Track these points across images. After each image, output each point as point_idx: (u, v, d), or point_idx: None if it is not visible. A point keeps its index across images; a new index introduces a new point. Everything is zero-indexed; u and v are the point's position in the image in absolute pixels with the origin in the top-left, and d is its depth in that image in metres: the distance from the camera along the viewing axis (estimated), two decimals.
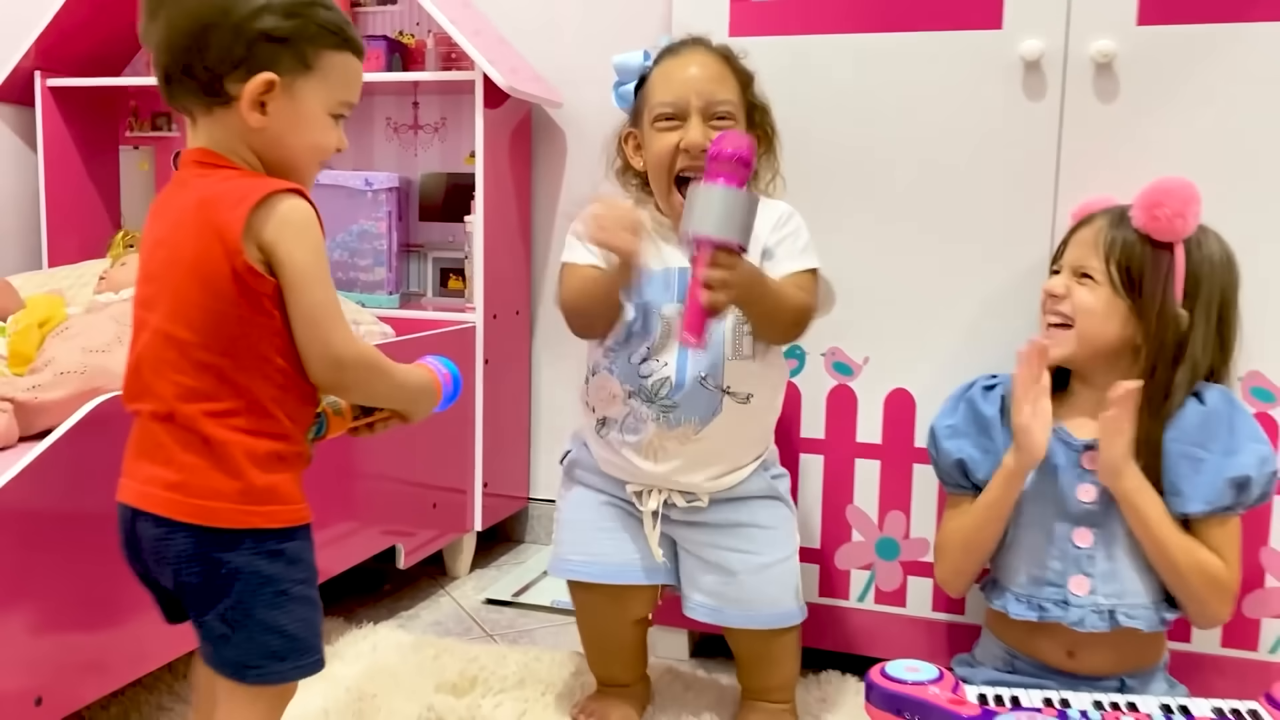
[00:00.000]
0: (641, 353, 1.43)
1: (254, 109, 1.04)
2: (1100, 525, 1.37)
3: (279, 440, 1.06)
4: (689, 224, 1.28)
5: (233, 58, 1.03)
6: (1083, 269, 1.37)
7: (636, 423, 1.45)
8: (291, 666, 1.08)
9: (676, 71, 1.44)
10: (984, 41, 1.52)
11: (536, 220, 2.39)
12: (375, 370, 1.11)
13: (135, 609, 1.40)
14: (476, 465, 2.19)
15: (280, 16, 1.04)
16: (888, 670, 1.25)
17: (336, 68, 1.08)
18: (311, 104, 1.07)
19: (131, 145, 2.62)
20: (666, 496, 1.48)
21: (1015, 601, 1.40)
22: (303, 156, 1.10)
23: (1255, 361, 1.47)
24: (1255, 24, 1.43)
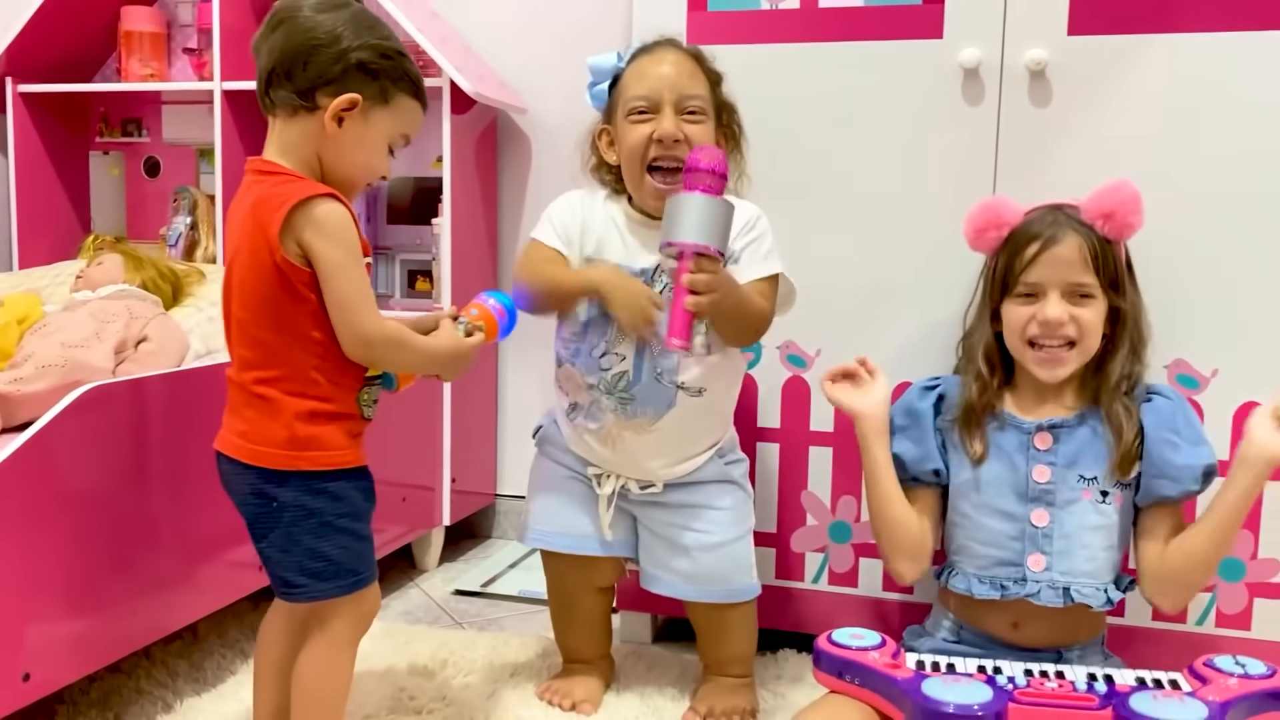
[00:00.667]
0: (601, 346, 1.50)
1: (334, 119, 1.24)
2: (1055, 504, 1.44)
3: (320, 401, 1.25)
4: (670, 233, 1.35)
5: (329, 75, 1.24)
6: (1079, 288, 1.40)
7: (598, 411, 1.52)
8: (333, 586, 1.27)
9: (650, 67, 1.50)
10: (925, 50, 1.61)
11: (502, 223, 2.45)
12: (400, 346, 1.27)
13: (116, 592, 1.45)
14: (445, 461, 2.24)
15: (376, 55, 1.25)
16: (834, 637, 1.32)
17: (406, 109, 1.30)
18: (377, 130, 1.28)
19: (101, 150, 2.65)
20: (623, 483, 1.56)
21: (979, 583, 1.46)
22: (356, 171, 1.29)
23: (1180, 350, 1.56)
24: (1176, 34, 1.52)
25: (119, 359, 1.66)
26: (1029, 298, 1.42)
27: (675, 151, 1.46)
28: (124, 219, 2.66)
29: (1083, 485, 1.43)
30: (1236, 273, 1.54)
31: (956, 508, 1.51)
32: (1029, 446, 1.45)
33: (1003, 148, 1.61)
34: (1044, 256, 1.40)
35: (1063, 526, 1.44)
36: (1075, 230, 1.41)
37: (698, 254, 1.35)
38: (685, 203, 1.35)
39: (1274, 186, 1.52)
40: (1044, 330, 1.40)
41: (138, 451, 1.48)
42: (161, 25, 2.51)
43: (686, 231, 1.34)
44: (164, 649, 1.71)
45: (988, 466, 1.47)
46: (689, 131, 1.47)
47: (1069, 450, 1.44)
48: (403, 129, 1.31)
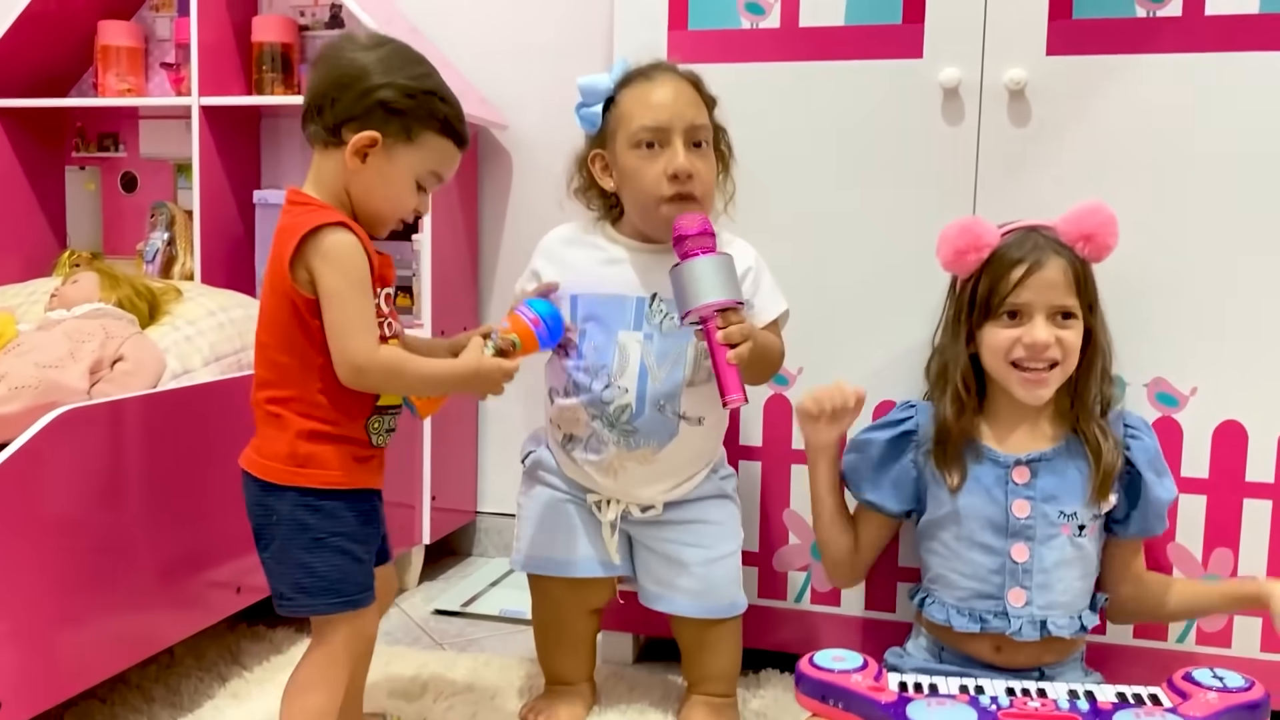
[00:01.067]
0: (603, 379, 1.49)
1: (355, 156, 1.28)
2: (1034, 539, 1.44)
3: (322, 422, 1.30)
4: (689, 302, 1.36)
5: (353, 112, 1.28)
6: (1063, 309, 1.40)
7: (599, 443, 1.52)
8: (321, 602, 1.31)
9: (653, 96, 1.47)
10: (906, 70, 1.62)
11: (483, 239, 2.45)
12: (396, 375, 1.29)
13: (91, 617, 1.43)
14: (425, 479, 2.23)
15: (400, 94, 1.29)
16: (815, 660, 1.32)
17: (434, 147, 1.32)
18: (402, 167, 1.31)
19: (78, 165, 2.63)
20: (624, 507, 1.56)
21: (958, 614, 1.47)
22: (383, 206, 1.33)
23: (1158, 368, 1.57)
24: (1154, 55, 1.54)
25: (94, 379, 1.64)
26: (1013, 320, 1.42)
27: (689, 187, 1.44)
28: (100, 235, 2.63)
29: (1062, 520, 1.44)
30: (1214, 291, 1.55)
31: (935, 537, 1.51)
32: (1007, 481, 1.45)
33: (982, 167, 1.61)
34: (1030, 280, 1.40)
35: (1042, 561, 1.44)
36: (1058, 253, 1.41)
37: (720, 311, 1.36)
38: (692, 270, 1.36)
39: (1251, 205, 1.53)
40: (1030, 353, 1.40)
41: (113, 474, 1.46)
42: (139, 40, 2.49)
43: (705, 295, 1.35)
44: (140, 673, 1.69)
45: (966, 500, 1.46)
46: (696, 167, 1.45)
47: (1048, 485, 1.44)
48: (431, 166, 1.33)
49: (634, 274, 1.51)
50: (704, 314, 1.36)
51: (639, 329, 1.49)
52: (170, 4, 2.54)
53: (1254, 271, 1.54)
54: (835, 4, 1.64)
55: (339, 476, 1.30)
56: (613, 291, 1.50)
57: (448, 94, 1.34)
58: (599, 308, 1.51)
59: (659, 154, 1.45)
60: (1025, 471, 1.45)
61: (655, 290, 1.49)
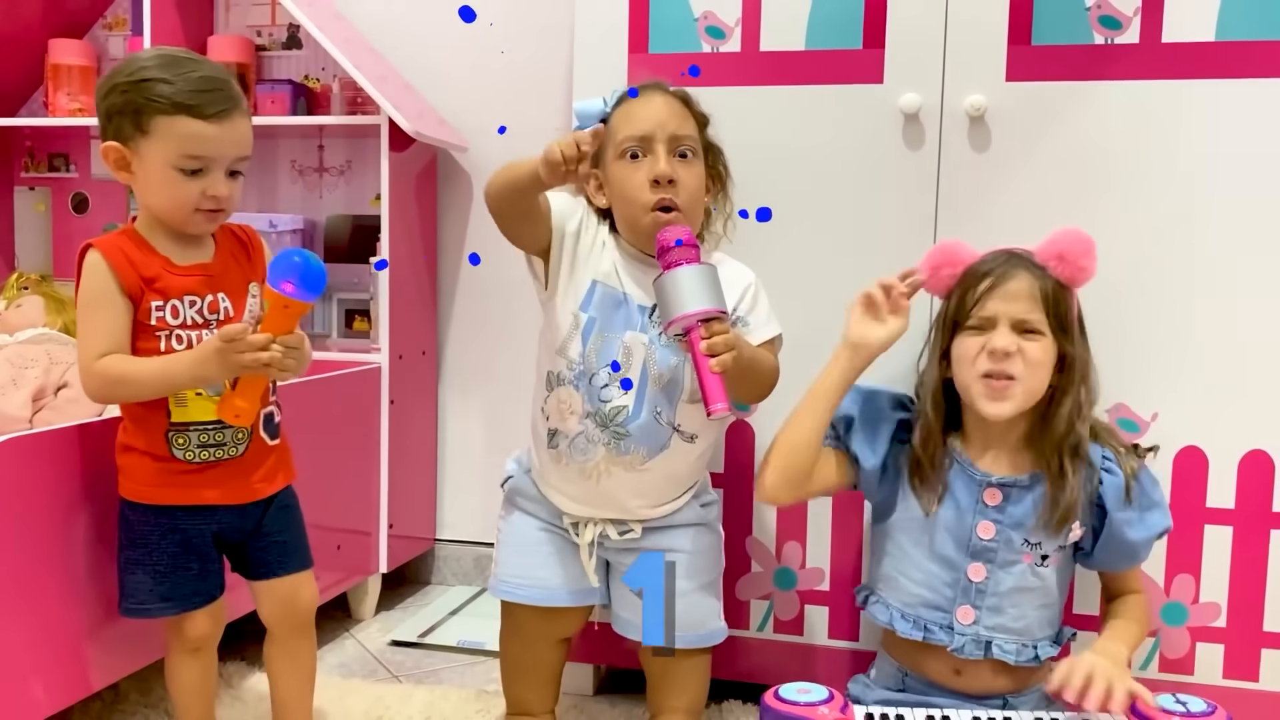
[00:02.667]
0: (603, 377, 1.47)
1: (118, 171, 1.31)
2: (995, 562, 1.43)
3: (126, 435, 1.38)
4: (671, 311, 1.34)
5: (103, 135, 1.32)
6: (1025, 324, 1.39)
7: (586, 444, 1.49)
8: (123, 605, 1.41)
9: (640, 109, 1.48)
10: (866, 95, 1.62)
11: (442, 262, 2.42)
12: (116, 381, 1.31)
13: (32, 653, 1.38)
14: (382, 506, 2.19)
15: (117, 94, 1.29)
16: (780, 693, 1.29)
17: (171, 128, 1.28)
18: (154, 162, 1.30)
19: (27, 186, 2.58)
20: (601, 529, 1.53)
21: (902, 619, 1.46)
22: (161, 205, 1.33)
23: (1121, 394, 1.57)
24: (1113, 81, 1.54)
25: (37, 407, 1.59)
26: (979, 330, 1.41)
27: (671, 193, 1.44)
28: (50, 257, 2.58)
29: (1025, 549, 1.43)
30: (1176, 316, 1.55)
31: (892, 538, 1.50)
32: (978, 500, 1.44)
33: (943, 191, 1.61)
34: (996, 291, 1.40)
35: (998, 585, 1.43)
36: (1028, 269, 1.41)
37: (704, 320, 1.34)
38: (675, 279, 1.34)
39: (1211, 230, 1.53)
40: (992, 359, 1.39)
41: (56, 505, 1.41)
42: (91, 59, 2.45)
43: (687, 304, 1.33)
44: (83, 710, 1.63)
45: (938, 509, 1.45)
46: (681, 175, 1.45)
47: (1017, 512, 1.43)
48: (179, 149, 1.29)
49: (633, 283, 1.49)
50: (687, 324, 1.34)
51: (645, 331, 1.47)
52: (123, 23, 2.50)
53: (1214, 296, 1.54)
54: (796, 28, 1.64)
55: (139, 489, 1.36)
56: (625, 290, 1.49)
57: (175, 70, 1.29)
58: (609, 302, 1.48)
59: (642, 163, 1.46)
60: (997, 494, 1.44)
61: (656, 303, 1.46)
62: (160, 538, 1.37)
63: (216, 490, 1.38)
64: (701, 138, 1.52)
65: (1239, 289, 1.53)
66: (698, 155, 1.50)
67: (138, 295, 1.31)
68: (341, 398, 2.03)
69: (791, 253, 1.67)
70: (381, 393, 2.17)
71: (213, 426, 1.36)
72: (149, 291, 1.32)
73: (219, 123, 1.30)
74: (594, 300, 1.48)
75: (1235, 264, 1.53)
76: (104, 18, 2.52)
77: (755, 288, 1.53)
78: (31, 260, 2.55)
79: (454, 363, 2.42)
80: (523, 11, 2.30)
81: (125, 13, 2.50)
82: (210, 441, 1.36)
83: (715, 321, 1.34)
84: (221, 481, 1.38)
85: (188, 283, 1.33)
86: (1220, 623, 1.58)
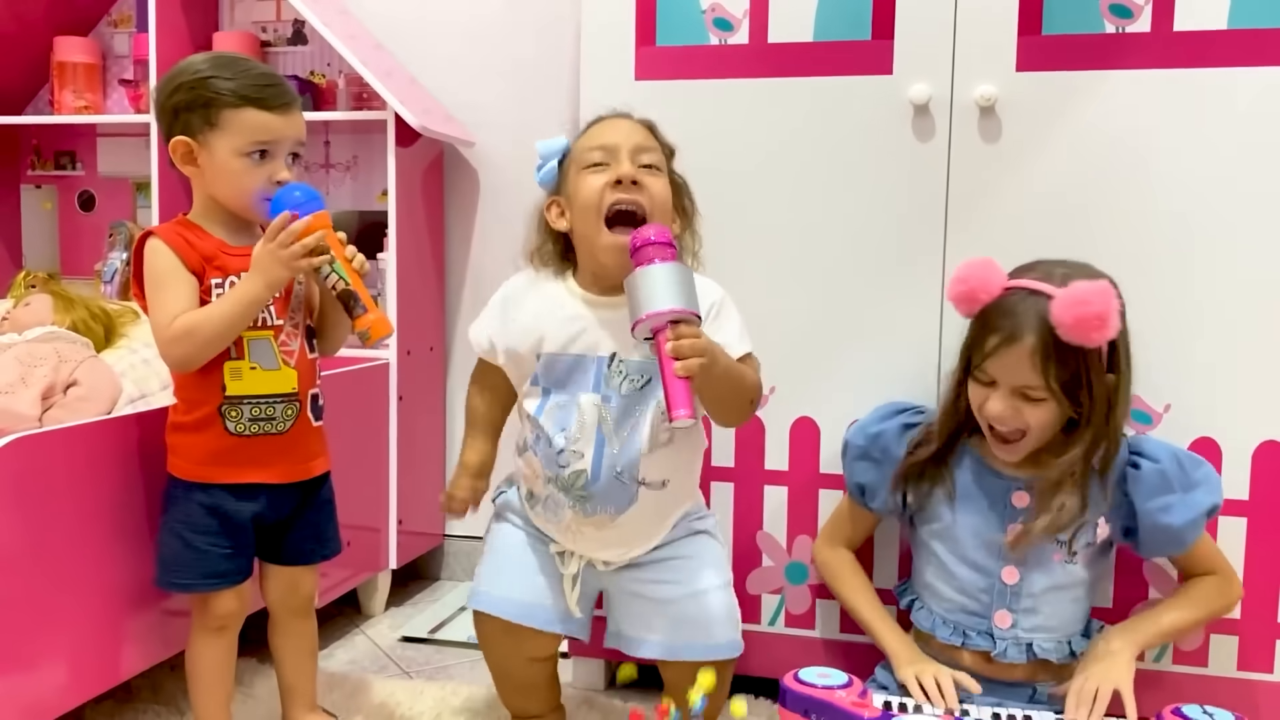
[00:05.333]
0: (559, 443, 1.43)
1: (185, 165, 1.41)
2: (1026, 564, 1.43)
3: (178, 415, 1.45)
4: (638, 310, 1.26)
5: (169, 132, 1.41)
6: (1024, 390, 1.37)
7: (555, 506, 1.46)
8: (161, 579, 1.47)
9: (604, 129, 1.44)
10: (875, 86, 1.60)
11: (450, 256, 2.41)
12: (191, 331, 1.37)
13: (42, 652, 1.38)
14: (391, 502, 2.18)
15: (183, 92, 1.39)
16: (800, 676, 1.31)
17: (238, 122, 1.38)
18: (223, 153, 1.38)
19: (34, 184, 2.57)
20: (586, 560, 1.50)
21: (942, 625, 1.47)
22: (227, 195, 1.41)
23: (1134, 386, 1.55)
24: (1124, 70, 1.53)
25: (46, 405, 1.59)
26: (985, 385, 1.41)
27: (634, 194, 1.38)
28: (58, 255, 2.58)
29: (1055, 548, 1.43)
30: (1188, 307, 1.54)
31: (929, 545, 1.50)
32: (1007, 504, 1.44)
33: (953, 183, 1.60)
34: (1000, 352, 1.37)
35: (1031, 586, 1.43)
36: (1035, 331, 1.35)
37: (673, 321, 1.26)
38: (646, 275, 1.27)
39: (1224, 220, 1.52)
40: (996, 420, 1.40)
41: (66, 503, 1.41)
42: (96, 56, 2.44)
43: (656, 302, 1.25)
44: (95, 708, 1.63)
45: (964, 515, 1.46)
46: (646, 181, 1.40)
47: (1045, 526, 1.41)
48: (248, 138, 1.38)
49: (593, 332, 1.43)
50: (655, 324, 1.26)
51: (597, 390, 1.42)
52: (129, 20, 2.50)
53: (1226, 287, 1.53)
54: (804, 20, 1.63)
55: (186, 467, 1.44)
56: (575, 352, 1.43)
57: (233, 69, 1.40)
58: (562, 369, 1.44)
59: (604, 169, 1.40)
60: (1025, 496, 1.43)
61: (615, 350, 1.42)
62: (201, 515, 1.43)
63: (261, 468, 1.44)
64: (669, 167, 1.47)
65: (1252, 279, 1.52)
66: (664, 172, 1.44)
67: (200, 272, 1.39)
68: (350, 394, 2.03)
69: (800, 247, 1.66)
70: (390, 389, 2.17)
71: (264, 400, 1.42)
72: (210, 269, 1.40)
73: (282, 114, 1.40)
74: (541, 371, 1.45)
75: (1248, 253, 1.52)
76: (109, 15, 2.52)
77: (720, 307, 1.44)
78: (39, 258, 2.55)
79: (462, 358, 2.41)
80: (529, 5, 2.30)
81: (130, 9, 2.50)
82: (261, 415, 1.42)
83: (684, 324, 1.27)
84: (268, 459, 1.45)
85: (244, 262, 1.39)
86: (1235, 614, 1.57)
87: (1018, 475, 1.44)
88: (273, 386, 1.43)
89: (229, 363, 1.40)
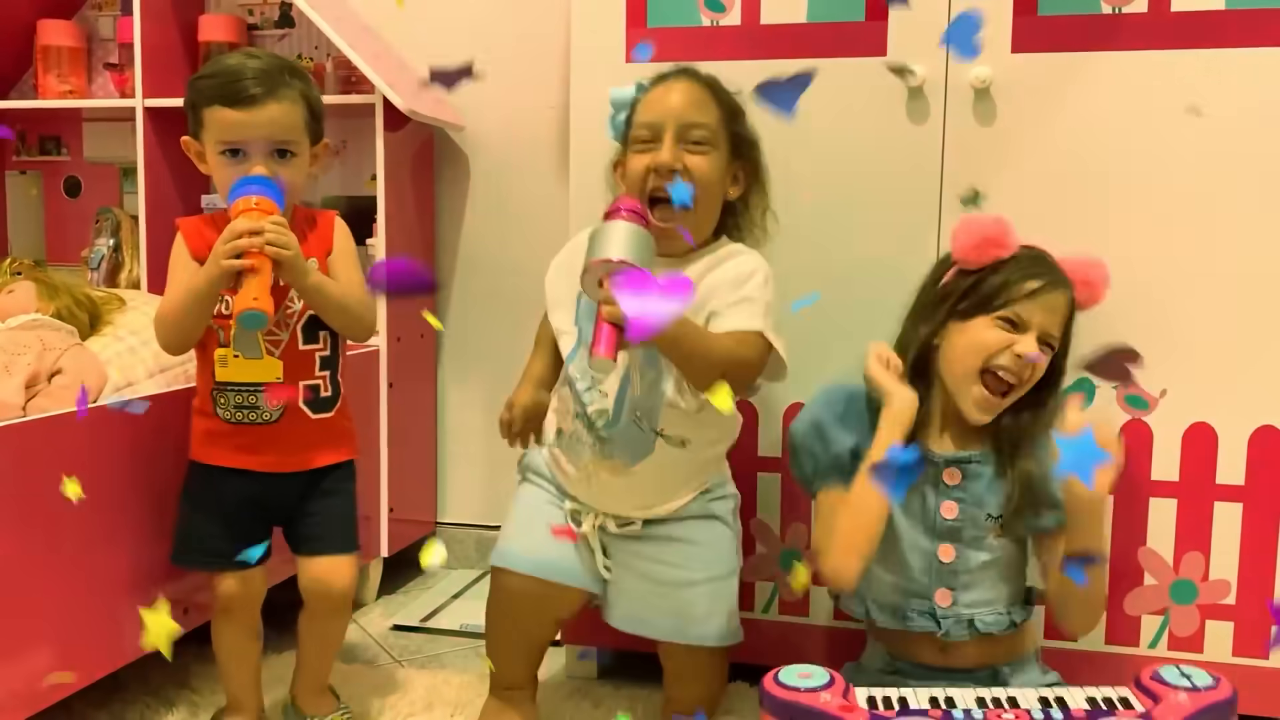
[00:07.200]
0: (588, 379, 1.45)
1: (198, 161, 1.46)
2: (961, 540, 1.42)
3: (195, 395, 1.52)
4: (588, 256, 1.30)
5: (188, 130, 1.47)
6: (1049, 338, 1.38)
7: (578, 444, 1.47)
8: (170, 555, 1.52)
9: (657, 97, 1.45)
10: (869, 68, 1.59)
11: (440, 242, 2.39)
12: (160, 317, 1.44)
13: (29, 643, 1.37)
14: (382, 490, 2.17)
15: (191, 91, 1.43)
16: (780, 678, 1.26)
17: (211, 120, 1.41)
18: (209, 151, 1.43)
19: (19, 170, 2.54)
20: (601, 521, 1.50)
21: (880, 611, 1.45)
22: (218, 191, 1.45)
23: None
24: (1115, 52, 1.52)
25: (30, 394, 1.57)
26: (1010, 326, 1.38)
27: (669, 181, 1.40)
28: (43, 241, 2.55)
29: (989, 524, 1.42)
30: (1184, 292, 1.53)
31: None
32: (939, 481, 1.42)
33: (948, 166, 1.58)
34: (1041, 298, 1.37)
35: (968, 562, 1.42)
36: (1066, 287, 1.40)
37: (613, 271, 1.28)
38: (604, 228, 1.32)
39: (1220, 203, 1.51)
40: (1014, 364, 1.36)
41: (51, 493, 1.39)
42: (80, 40, 2.41)
43: (605, 250, 1.29)
44: (84, 699, 1.61)
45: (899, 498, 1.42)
46: (690, 162, 1.41)
47: (977, 489, 1.41)
48: (217, 137, 1.41)
49: None
50: (600, 272, 1.28)
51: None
52: (113, 3, 2.47)
53: (1222, 271, 1.52)
54: (797, 1, 1.61)
55: (194, 447, 1.50)
56: None
57: (217, 68, 1.42)
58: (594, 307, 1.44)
59: (649, 150, 1.43)
60: (956, 473, 1.42)
61: None
62: (202, 493, 1.49)
63: (250, 455, 1.47)
64: (731, 128, 1.47)
65: (1248, 262, 1.51)
66: (715, 146, 1.44)
67: (204, 259, 1.40)
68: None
69: (794, 230, 1.64)
70: (380, 376, 2.14)
71: (246, 389, 1.45)
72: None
73: (246, 109, 1.39)
74: (580, 310, 1.46)
75: (1244, 237, 1.51)
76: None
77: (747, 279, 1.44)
78: (24, 245, 2.53)
79: (453, 345, 2.40)
80: None
81: None
82: (245, 403, 1.46)
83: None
84: (256, 447, 1.47)
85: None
86: (1230, 600, 1.56)
87: (944, 452, 1.42)
88: (255, 375, 1.42)
89: (218, 350, 1.41)
